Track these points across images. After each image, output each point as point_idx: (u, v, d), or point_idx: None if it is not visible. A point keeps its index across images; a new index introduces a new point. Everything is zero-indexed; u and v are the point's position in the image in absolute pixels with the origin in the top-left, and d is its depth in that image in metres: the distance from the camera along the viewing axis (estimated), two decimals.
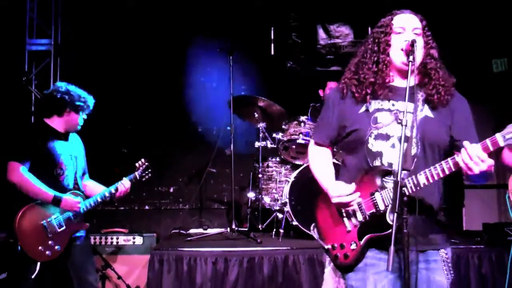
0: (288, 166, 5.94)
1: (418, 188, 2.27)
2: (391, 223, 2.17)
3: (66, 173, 3.94)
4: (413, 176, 2.27)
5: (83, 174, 4.24)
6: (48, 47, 6.62)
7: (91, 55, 6.79)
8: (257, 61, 6.99)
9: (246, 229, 5.74)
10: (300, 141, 5.65)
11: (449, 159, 2.22)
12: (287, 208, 5.36)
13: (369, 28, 7.04)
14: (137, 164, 4.15)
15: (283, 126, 5.91)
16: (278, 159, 6.01)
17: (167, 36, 6.97)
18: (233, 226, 5.47)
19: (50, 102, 4.02)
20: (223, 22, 6.94)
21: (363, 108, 2.49)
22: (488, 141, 2.14)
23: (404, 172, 2.21)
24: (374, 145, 2.43)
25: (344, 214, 2.47)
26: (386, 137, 2.42)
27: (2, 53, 6.19)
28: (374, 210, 2.37)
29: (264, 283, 4.60)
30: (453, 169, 2.20)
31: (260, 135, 5.92)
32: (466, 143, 2.15)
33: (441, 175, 2.24)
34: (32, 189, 3.74)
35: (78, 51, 6.77)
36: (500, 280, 4.64)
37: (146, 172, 4.16)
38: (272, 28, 7.25)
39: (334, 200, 2.42)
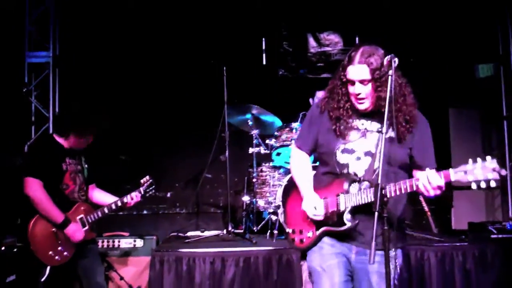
0: (281, 171, 6.04)
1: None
2: (346, 222, 2.74)
3: (72, 188, 4.08)
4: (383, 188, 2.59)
5: (92, 183, 4.39)
6: (47, 59, 6.73)
7: (89, 66, 6.92)
8: (250, 70, 7.09)
9: (242, 231, 5.87)
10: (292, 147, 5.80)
11: (407, 181, 2.58)
12: (281, 210, 5.53)
13: (357, 37, 7.34)
14: (141, 181, 4.31)
15: (276, 133, 6.08)
16: (271, 164, 6.12)
17: (162, 47, 7.10)
18: (229, 228, 5.64)
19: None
20: (216, 33, 7.08)
21: (335, 126, 2.87)
22: (442, 173, 2.48)
23: (366, 183, 2.72)
24: (341, 157, 2.84)
25: None
26: (351, 151, 2.83)
27: (3, 65, 6.25)
28: (335, 209, 2.78)
29: (260, 281, 4.78)
30: (413, 190, 2.56)
31: (254, 142, 6.08)
32: (428, 172, 2.51)
33: (403, 192, 2.58)
34: (44, 207, 3.87)
35: (76, 62, 6.89)
36: (482, 275, 4.87)
37: (150, 188, 4.32)
38: (264, 38, 7.38)
39: (304, 208, 2.87)
